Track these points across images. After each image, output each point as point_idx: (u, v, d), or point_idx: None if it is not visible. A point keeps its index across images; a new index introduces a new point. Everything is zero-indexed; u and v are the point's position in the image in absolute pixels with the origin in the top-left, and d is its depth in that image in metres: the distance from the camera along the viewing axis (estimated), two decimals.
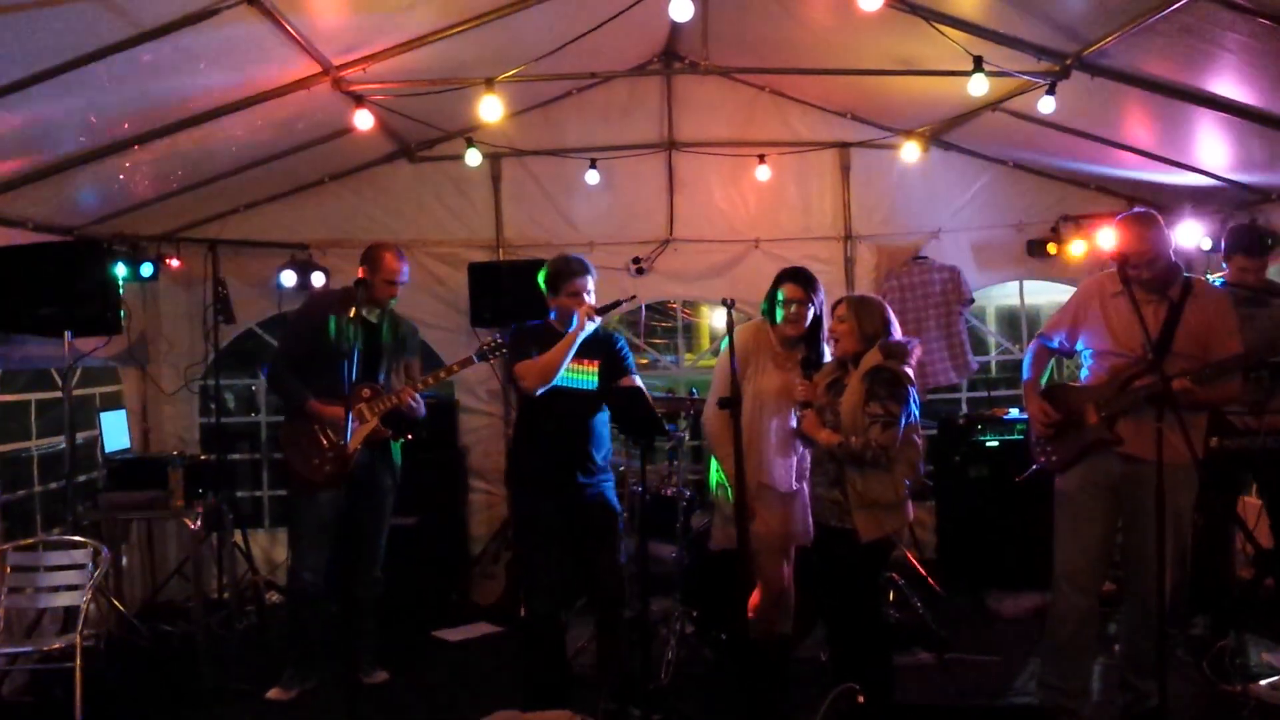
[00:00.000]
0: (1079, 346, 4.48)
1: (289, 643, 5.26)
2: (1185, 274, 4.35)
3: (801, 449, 4.65)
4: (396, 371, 5.29)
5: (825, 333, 4.63)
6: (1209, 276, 5.61)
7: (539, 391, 4.51)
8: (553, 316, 4.67)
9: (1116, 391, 4.24)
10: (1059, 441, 4.42)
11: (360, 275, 5.09)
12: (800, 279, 4.65)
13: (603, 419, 4.69)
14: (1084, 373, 4.51)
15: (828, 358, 4.62)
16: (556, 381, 4.51)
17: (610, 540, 4.66)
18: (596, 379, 4.62)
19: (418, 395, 5.12)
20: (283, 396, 5.30)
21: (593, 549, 4.62)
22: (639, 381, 4.61)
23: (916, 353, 4.41)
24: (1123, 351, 4.25)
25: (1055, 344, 4.58)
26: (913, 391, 4.30)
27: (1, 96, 4.09)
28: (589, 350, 4.59)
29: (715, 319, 11.17)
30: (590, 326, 4.50)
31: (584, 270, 4.60)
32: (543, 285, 4.67)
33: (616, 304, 4.76)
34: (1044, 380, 4.65)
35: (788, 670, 4.83)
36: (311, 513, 5.11)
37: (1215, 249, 6.13)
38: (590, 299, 4.59)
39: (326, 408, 5.03)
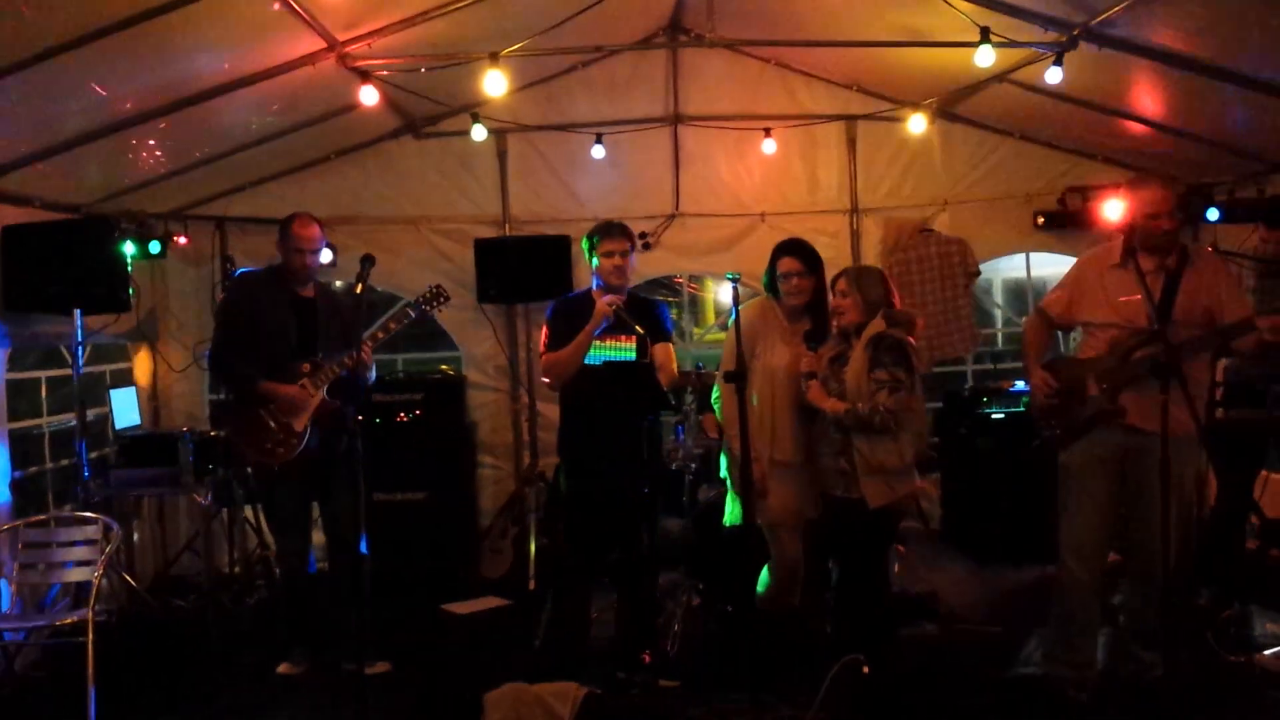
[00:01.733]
0: (1077, 319, 4.48)
1: (292, 622, 5.28)
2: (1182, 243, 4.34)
3: (812, 422, 4.67)
4: (336, 342, 5.05)
5: (829, 304, 4.64)
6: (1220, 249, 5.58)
7: (557, 385, 4.70)
8: (597, 284, 4.72)
9: (1117, 363, 4.24)
10: (1062, 415, 4.42)
11: (278, 253, 5.07)
12: (797, 251, 4.67)
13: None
14: (1079, 344, 4.51)
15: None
16: (595, 362, 4.58)
17: (649, 516, 4.74)
18: (634, 353, 4.65)
19: (361, 358, 4.82)
20: (230, 382, 5.21)
21: (632, 527, 4.71)
22: (672, 348, 4.72)
23: (919, 324, 4.42)
24: (1122, 323, 4.24)
25: (1054, 316, 4.57)
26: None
27: (8, 74, 4.10)
28: (627, 325, 4.59)
29: (721, 293, 11.16)
30: (605, 321, 4.54)
31: (621, 233, 4.68)
32: (585, 251, 4.75)
33: (633, 328, 4.61)
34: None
35: (793, 642, 4.86)
36: (280, 499, 5.07)
37: (1224, 220, 6.09)
38: (629, 261, 4.66)
39: (281, 386, 4.87)
